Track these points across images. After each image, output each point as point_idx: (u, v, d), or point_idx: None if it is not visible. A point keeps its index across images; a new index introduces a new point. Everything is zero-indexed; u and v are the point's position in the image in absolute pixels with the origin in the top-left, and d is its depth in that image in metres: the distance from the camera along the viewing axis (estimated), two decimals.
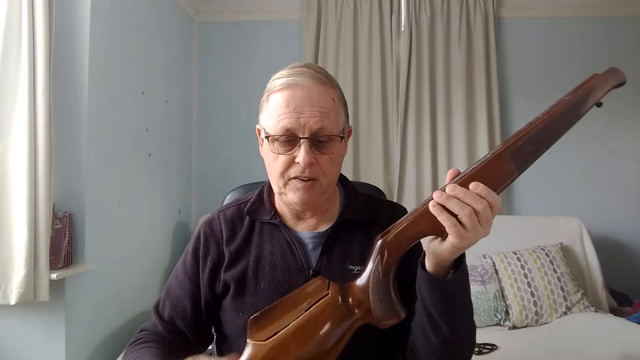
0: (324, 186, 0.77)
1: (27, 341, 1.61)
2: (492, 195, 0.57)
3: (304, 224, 0.84)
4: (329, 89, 0.77)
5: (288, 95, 0.75)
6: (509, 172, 0.58)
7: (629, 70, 2.66)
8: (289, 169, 0.75)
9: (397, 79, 2.81)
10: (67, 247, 1.62)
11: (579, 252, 2.41)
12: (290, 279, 0.79)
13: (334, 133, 0.76)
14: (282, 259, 0.80)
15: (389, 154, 2.82)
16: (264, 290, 0.78)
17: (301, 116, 0.73)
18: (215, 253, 0.84)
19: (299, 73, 0.76)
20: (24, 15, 1.49)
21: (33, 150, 1.49)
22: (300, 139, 0.73)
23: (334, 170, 0.78)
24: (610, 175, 2.82)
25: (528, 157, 0.58)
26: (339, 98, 0.79)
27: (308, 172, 0.74)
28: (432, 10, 2.81)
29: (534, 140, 0.58)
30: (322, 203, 0.82)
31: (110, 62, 1.87)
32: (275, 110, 0.75)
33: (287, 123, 0.73)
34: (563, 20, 2.85)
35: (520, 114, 2.85)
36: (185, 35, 2.78)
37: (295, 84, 0.75)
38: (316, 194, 0.76)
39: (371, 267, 0.59)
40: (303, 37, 2.85)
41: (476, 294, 2.11)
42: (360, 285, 0.59)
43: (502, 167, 0.57)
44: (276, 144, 0.75)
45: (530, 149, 0.58)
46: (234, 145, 2.81)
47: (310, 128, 0.73)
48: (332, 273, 0.78)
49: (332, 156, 0.76)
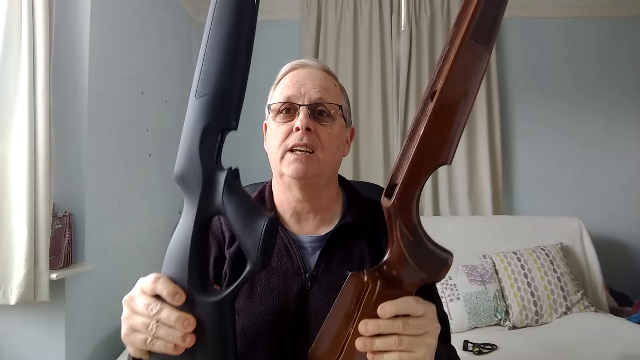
0: (321, 162, 0.75)
1: (27, 341, 1.61)
2: (404, 306, 0.51)
3: (304, 226, 0.82)
4: (331, 77, 0.82)
5: (292, 74, 0.79)
6: (480, 55, 0.49)
7: (628, 70, 2.67)
8: (287, 138, 0.75)
9: (397, 79, 2.81)
10: (67, 247, 1.62)
11: (579, 252, 2.41)
12: (286, 282, 0.76)
13: (334, 103, 0.78)
14: (279, 261, 0.78)
15: (389, 154, 2.82)
16: (259, 293, 0.76)
17: (302, 87, 0.77)
18: (217, 253, 0.81)
19: (304, 59, 0.82)
20: (24, 15, 1.49)
21: (33, 151, 1.49)
22: (299, 107, 0.75)
23: (332, 147, 0.77)
24: (610, 175, 2.82)
25: (490, 27, 0.49)
26: (340, 88, 0.83)
27: (306, 139, 0.73)
28: (432, 10, 2.81)
29: (488, 4, 0.48)
30: (321, 192, 0.80)
31: (110, 62, 1.87)
32: (280, 87, 0.79)
33: (288, 92, 0.76)
34: (563, 20, 2.85)
35: (520, 113, 2.86)
36: (185, 35, 2.78)
37: (301, 65, 0.80)
38: (313, 168, 0.74)
39: (396, 235, 0.53)
40: (303, 37, 2.85)
41: (476, 294, 2.11)
42: (396, 256, 0.54)
43: (470, 55, 0.49)
44: (278, 117, 0.77)
45: (488, 16, 0.48)
46: (234, 145, 2.79)
47: (310, 97, 0.76)
48: (329, 278, 0.76)
49: (331, 132, 0.77)
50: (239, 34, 0.47)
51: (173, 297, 0.48)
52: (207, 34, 0.48)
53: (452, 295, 2.12)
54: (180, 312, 0.48)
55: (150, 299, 0.49)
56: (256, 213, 0.47)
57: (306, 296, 0.75)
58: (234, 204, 0.47)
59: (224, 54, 0.47)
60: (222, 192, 0.47)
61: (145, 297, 0.49)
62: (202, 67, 0.48)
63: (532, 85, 2.84)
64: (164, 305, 0.48)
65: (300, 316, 0.74)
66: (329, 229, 0.81)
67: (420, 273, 0.53)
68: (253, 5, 0.47)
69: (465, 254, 2.31)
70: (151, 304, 0.48)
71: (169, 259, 0.50)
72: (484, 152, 2.75)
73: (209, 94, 0.47)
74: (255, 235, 0.46)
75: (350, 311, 0.54)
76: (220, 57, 0.47)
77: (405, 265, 0.54)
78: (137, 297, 0.50)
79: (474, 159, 2.78)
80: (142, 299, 0.50)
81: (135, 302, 0.50)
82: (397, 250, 0.54)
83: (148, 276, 0.50)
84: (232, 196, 0.47)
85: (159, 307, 0.48)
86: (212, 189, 0.48)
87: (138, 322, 0.50)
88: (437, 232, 2.53)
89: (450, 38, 0.50)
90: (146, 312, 0.49)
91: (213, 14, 0.47)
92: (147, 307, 0.49)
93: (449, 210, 2.78)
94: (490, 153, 2.75)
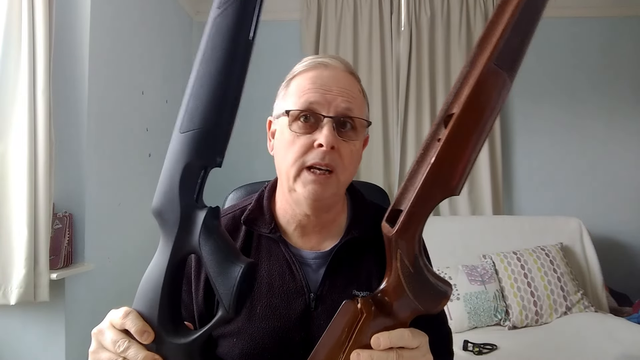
0: (340, 182, 0.68)
1: (27, 341, 1.61)
2: (400, 339, 0.50)
3: (307, 240, 0.75)
4: (356, 81, 0.73)
5: (314, 74, 0.69)
6: (502, 83, 0.45)
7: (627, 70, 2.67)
8: (306, 154, 0.66)
9: (397, 79, 2.81)
10: (67, 247, 1.62)
11: (579, 252, 2.41)
12: (288, 303, 0.70)
13: (361, 117, 0.69)
14: (281, 280, 0.72)
15: (389, 154, 2.82)
16: (259, 315, 0.70)
17: (327, 93, 0.67)
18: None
19: (325, 57, 0.72)
20: (24, 15, 1.49)
21: (33, 150, 1.49)
22: (323, 118, 0.66)
23: (352, 168, 0.69)
24: (610, 175, 2.82)
25: (516, 55, 0.45)
26: (364, 94, 0.74)
27: (328, 159, 0.65)
28: (432, 10, 2.81)
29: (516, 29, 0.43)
30: (331, 209, 0.73)
31: (110, 62, 1.87)
32: (299, 89, 0.69)
33: (311, 97, 0.67)
34: (563, 20, 2.85)
35: (520, 113, 2.86)
36: (185, 35, 2.78)
37: (324, 65, 0.70)
38: (330, 190, 0.67)
39: (395, 265, 0.51)
40: (303, 37, 2.85)
41: (476, 294, 2.11)
42: (393, 286, 0.52)
43: (492, 82, 0.45)
44: (295, 125, 0.67)
45: (515, 42, 0.44)
46: (234, 145, 2.78)
47: (336, 107, 0.66)
48: (335, 298, 0.70)
49: (353, 149, 0.68)
50: (230, 71, 0.44)
51: (141, 335, 0.46)
52: (196, 67, 0.45)
53: (452, 295, 2.12)
54: (147, 352, 0.45)
55: (119, 334, 0.47)
56: (233, 258, 0.45)
57: (310, 318, 0.70)
58: (210, 247, 0.45)
59: (213, 92, 0.44)
60: (199, 233, 0.45)
61: (113, 332, 0.47)
62: (188, 102, 0.45)
63: (532, 86, 2.84)
64: (131, 343, 0.46)
65: (303, 340, 0.69)
66: (333, 243, 0.74)
67: (417, 305, 0.51)
68: (248, 41, 0.43)
69: (465, 254, 2.31)
70: (119, 340, 0.46)
71: (140, 293, 0.48)
72: (484, 152, 2.75)
73: (194, 130, 0.45)
74: (229, 282, 0.44)
75: (342, 340, 0.52)
76: (209, 94, 0.44)
77: (402, 297, 0.52)
78: (105, 331, 0.48)
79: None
80: (111, 334, 0.47)
81: (104, 336, 0.48)
82: (395, 281, 0.52)
83: (119, 309, 0.48)
84: (209, 238, 0.46)
85: (126, 344, 0.46)
86: (189, 228, 0.46)
87: (104, 358, 0.48)
88: (437, 232, 2.55)
89: (471, 60, 0.46)
90: (113, 348, 0.46)
91: (205, 47, 0.44)
92: (114, 343, 0.46)
93: (449, 210, 2.78)
94: (490, 153, 2.75)
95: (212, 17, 0.44)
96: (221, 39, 0.43)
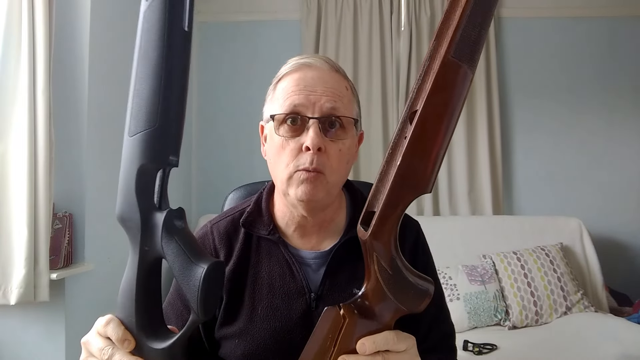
0: (330, 184, 0.68)
1: (27, 341, 1.61)
2: (385, 343, 0.50)
3: (307, 241, 0.75)
4: (342, 78, 0.72)
5: (298, 76, 0.69)
6: (463, 76, 0.44)
7: (628, 70, 2.67)
8: (296, 158, 0.66)
9: (397, 79, 2.81)
10: (67, 247, 1.62)
11: (579, 252, 2.41)
12: (289, 303, 0.71)
13: (347, 115, 0.69)
14: (281, 281, 0.72)
15: None
16: (261, 316, 0.71)
17: (311, 94, 0.67)
18: None
19: (309, 57, 0.72)
20: (24, 15, 1.49)
21: (33, 150, 1.49)
22: (308, 120, 0.66)
23: (342, 168, 0.70)
24: (610, 175, 2.82)
25: (474, 46, 0.44)
26: (352, 90, 0.73)
27: (316, 163, 0.65)
28: (432, 10, 2.81)
29: (471, 20, 0.43)
30: (327, 208, 0.73)
31: (110, 62, 1.87)
32: (284, 92, 0.69)
33: (295, 100, 0.67)
34: (563, 20, 2.85)
35: (520, 113, 2.86)
36: None
37: (307, 65, 0.70)
38: (322, 189, 0.67)
39: (373, 268, 0.52)
40: (303, 37, 2.85)
41: (476, 294, 2.11)
42: (374, 289, 0.52)
43: (452, 75, 0.44)
44: (282, 129, 0.68)
45: (472, 33, 0.43)
46: (234, 145, 2.81)
47: (321, 107, 0.66)
48: (336, 297, 0.71)
49: (342, 148, 0.68)
50: (170, 66, 0.41)
51: (122, 343, 0.47)
52: (135, 66, 0.42)
53: (452, 295, 2.12)
54: (130, 357, 0.47)
55: (104, 342, 0.48)
56: (195, 260, 0.43)
57: (311, 318, 0.70)
58: (172, 250, 0.44)
59: (154, 90, 0.41)
60: (160, 236, 0.44)
61: (99, 340, 0.49)
62: (132, 104, 0.43)
63: (532, 86, 2.84)
64: (115, 350, 0.47)
65: (305, 339, 0.69)
66: (333, 242, 0.75)
67: (399, 305, 0.51)
68: (184, 32, 0.41)
69: (465, 254, 2.31)
70: (104, 347, 0.48)
71: (119, 301, 0.49)
72: (484, 152, 2.75)
73: (141, 132, 0.43)
74: (192, 285, 0.43)
75: (326, 346, 0.52)
76: (150, 92, 0.42)
77: (384, 299, 0.51)
78: (92, 339, 0.50)
79: (474, 158, 2.78)
80: (97, 342, 0.49)
81: (91, 345, 0.49)
82: (374, 284, 0.52)
83: (103, 317, 0.50)
84: (171, 241, 0.44)
85: (110, 352, 0.47)
86: (151, 232, 0.45)
87: None
88: (437, 232, 2.55)
89: (430, 54, 0.45)
90: (100, 356, 0.48)
91: (139, 43, 0.42)
92: (100, 351, 0.48)
93: (449, 210, 2.78)
94: (490, 153, 2.75)
95: (142, 11, 0.43)
96: (155, 33, 0.41)
